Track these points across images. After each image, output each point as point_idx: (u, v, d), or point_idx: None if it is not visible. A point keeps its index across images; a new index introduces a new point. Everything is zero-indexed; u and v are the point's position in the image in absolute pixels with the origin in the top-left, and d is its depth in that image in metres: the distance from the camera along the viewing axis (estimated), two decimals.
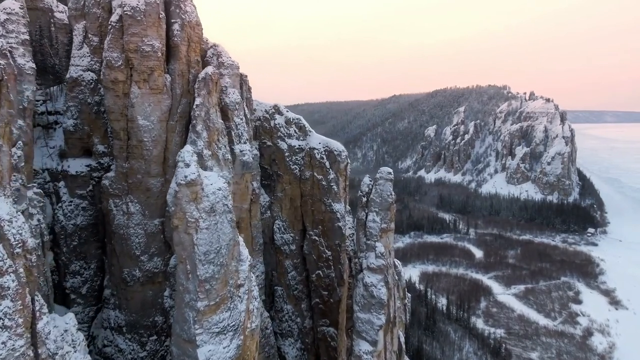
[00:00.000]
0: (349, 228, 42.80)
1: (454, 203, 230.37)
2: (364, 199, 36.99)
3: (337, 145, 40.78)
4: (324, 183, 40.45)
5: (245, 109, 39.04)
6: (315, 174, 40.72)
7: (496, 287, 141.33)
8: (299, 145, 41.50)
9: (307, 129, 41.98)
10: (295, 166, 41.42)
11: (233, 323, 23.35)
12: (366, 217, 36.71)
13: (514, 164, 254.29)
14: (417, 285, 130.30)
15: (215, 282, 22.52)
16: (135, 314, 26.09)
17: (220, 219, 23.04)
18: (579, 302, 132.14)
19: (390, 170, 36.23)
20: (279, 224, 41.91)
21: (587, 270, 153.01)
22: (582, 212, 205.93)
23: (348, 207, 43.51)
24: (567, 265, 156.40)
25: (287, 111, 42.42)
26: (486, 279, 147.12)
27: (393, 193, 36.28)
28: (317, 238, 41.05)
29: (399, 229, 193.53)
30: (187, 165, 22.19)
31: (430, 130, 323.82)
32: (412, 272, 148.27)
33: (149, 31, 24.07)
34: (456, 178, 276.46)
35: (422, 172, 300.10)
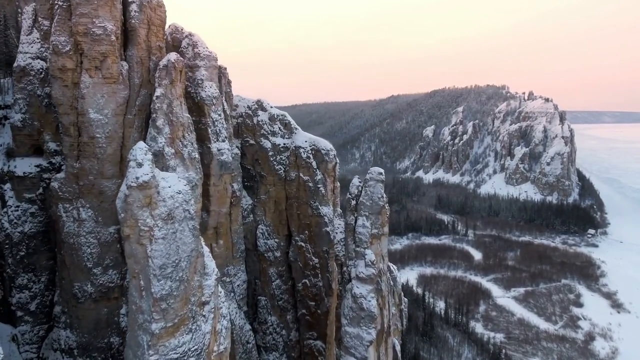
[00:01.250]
0: (340, 233, 39.74)
1: (452, 204, 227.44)
2: (353, 202, 33.94)
3: (324, 144, 37.64)
4: (310, 184, 37.31)
5: (225, 104, 35.92)
6: (301, 174, 37.59)
7: (495, 290, 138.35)
8: (284, 144, 38.37)
9: (292, 126, 38.86)
10: (279, 166, 38.29)
11: (195, 347, 20.16)
12: (355, 222, 33.66)
13: (512, 165, 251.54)
14: (414, 288, 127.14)
15: (173, 300, 19.35)
16: (88, 334, 22.93)
17: (180, 227, 19.88)
18: (580, 305, 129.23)
19: (381, 171, 33.15)
20: (262, 229, 38.76)
21: (588, 272, 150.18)
22: (582, 213, 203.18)
23: (339, 210, 40.46)
24: (567, 267, 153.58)
25: (271, 107, 39.29)
26: (485, 282, 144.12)
27: (385, 195, 33.23)
28: (303, 244, 37.90)
29: (397, 230, 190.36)
30: (140, 165, 19.03)
31: (429, 131, 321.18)
32: (410, 275, 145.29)
33: (100, 11, 20.95)
34: (455, 179, 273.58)
35: (420, 173, 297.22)
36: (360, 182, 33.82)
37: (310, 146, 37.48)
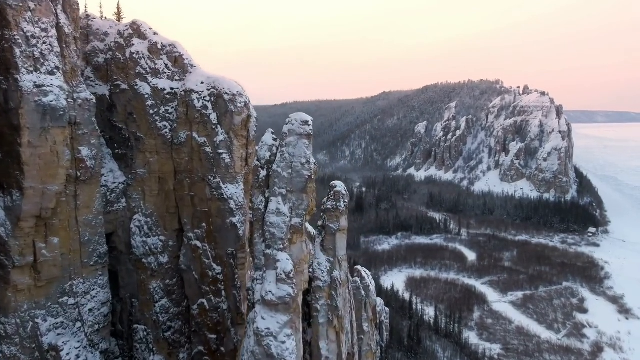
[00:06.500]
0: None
1: (444, 202, 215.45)
2: (263, 173, 20.58)
3: (229, 85, 23.97)
4: (208, 150, 23.76)
5: (62, 16, 22.21)
6: (194, 134, 24.07)
7: (491, 294, 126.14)
8: (171, 89, 24.82)
9: (186, 62, 25.26)
10: (164, 123, 24.69)
11: None
12: (266, 206, 20.33)
13: (507, 161, 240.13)
14: (401, 293, 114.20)
15: None
16: None
17: None
18: (584, 310, 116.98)
19: (308, 119, 19.64)
20: (140, 221, 25.12)
21: (591, 273, 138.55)
22: (581, 211, 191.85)
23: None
24: (568, 268, 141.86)
25: (154, 34, 25.68)
26: (480, 285, 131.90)
27: (313, 161, 19.79)
28: (199, 243, 24.33)
29: (385, 229, 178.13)
30: None
31: (421, 127, 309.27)
32: (398, 278, 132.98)
33: None
34: (447, 176, 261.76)
35: (411, 170, 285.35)
36: (275, 139, 20.41)
37: (208, 89, 23.92)
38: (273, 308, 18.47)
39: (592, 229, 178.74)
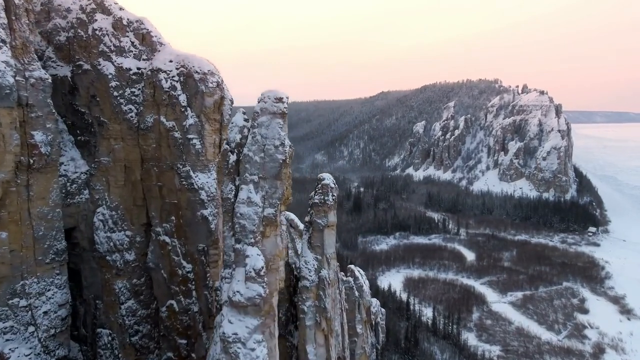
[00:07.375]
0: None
1: (443, 201, 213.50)
2: (232, 158, 18.32)
3: (200, 64, 21.65)
4: (176, 135, 21.50)
5: None
6: (162, 118, 21.80)
7: (490, 295, 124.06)
8: (138, 69, 22.56)
9: (154, 39, 22.99)
10: (130, 106, 22.42)
11: None
12: (235, 195, 18.06)
13: (507, 160, 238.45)
14: (399, 294, 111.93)
15: None
16: None
17: None
18: (585, 311, 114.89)
19: (282, 96, 17.39)
20: (103, 214, 22.83)
21: (592, 273, 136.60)
22: (581, 210, 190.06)
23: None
24: (568, 268, 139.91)
25: (120, 9, 23.40)
26: (479, 285, 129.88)
27: (288, 142, 17.51)
28: (168, 239, 22.03)
29: (383, 229, 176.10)
30: None
31: (419, 127, 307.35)
32: (396, 278, 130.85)
33: None
34: (446, 175, 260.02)
35: (410, 170, 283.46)
36: (246, 120, 18.16)
37: (177, 68, 21.66)
38: (241, 310, 16.18)
39: (592, 229, 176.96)
